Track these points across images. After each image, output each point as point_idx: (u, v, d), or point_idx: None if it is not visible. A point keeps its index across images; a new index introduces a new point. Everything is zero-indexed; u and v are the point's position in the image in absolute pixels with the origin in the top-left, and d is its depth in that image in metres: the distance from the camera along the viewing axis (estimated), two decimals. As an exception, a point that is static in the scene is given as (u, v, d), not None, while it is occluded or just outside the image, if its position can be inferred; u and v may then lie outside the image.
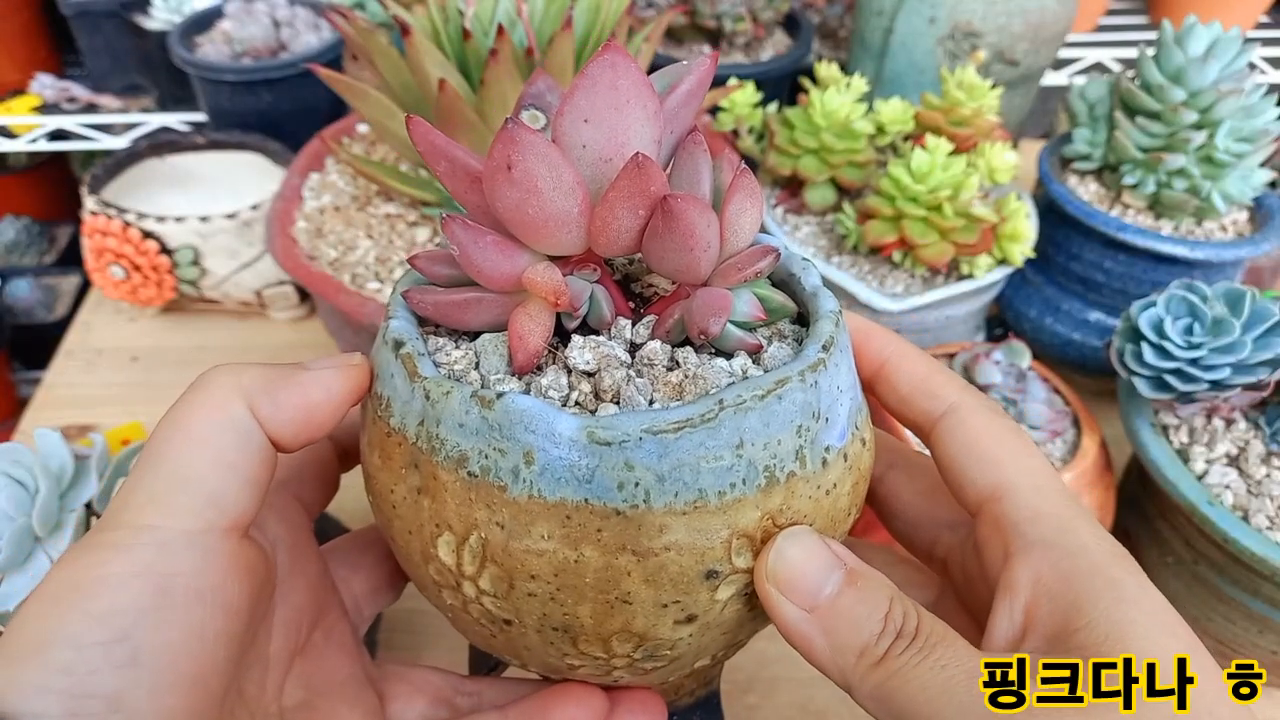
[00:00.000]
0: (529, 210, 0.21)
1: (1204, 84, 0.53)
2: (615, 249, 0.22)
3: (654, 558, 0.21)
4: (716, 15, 0.77)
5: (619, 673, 0.24)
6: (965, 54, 0.66)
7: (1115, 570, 0.22)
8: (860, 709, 0.22)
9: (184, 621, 0.20)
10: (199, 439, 0.21)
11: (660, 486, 0.20)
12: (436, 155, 0.22)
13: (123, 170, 0.71)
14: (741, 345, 0.23)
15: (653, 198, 0.21)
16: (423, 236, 0.52)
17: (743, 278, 0.23)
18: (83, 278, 1.07)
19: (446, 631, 0.49)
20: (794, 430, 0.22)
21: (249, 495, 0.22)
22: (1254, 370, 0.41)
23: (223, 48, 0.77)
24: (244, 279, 0.66)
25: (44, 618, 0.19)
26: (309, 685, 0.26)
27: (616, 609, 0.21)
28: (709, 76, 0.23)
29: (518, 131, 0.20)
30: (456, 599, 0.23)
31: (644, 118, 0.21)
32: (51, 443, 0.38)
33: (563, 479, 0.20)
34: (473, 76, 0.46)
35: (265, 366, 0.23)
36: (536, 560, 0.21)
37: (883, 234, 0.54)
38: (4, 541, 0.34)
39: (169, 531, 0.20)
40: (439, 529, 0.22)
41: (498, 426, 0.20)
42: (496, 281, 0.22)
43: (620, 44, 0.20)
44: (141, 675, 0.19)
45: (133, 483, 0.21)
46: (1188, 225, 0.57)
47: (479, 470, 0.21)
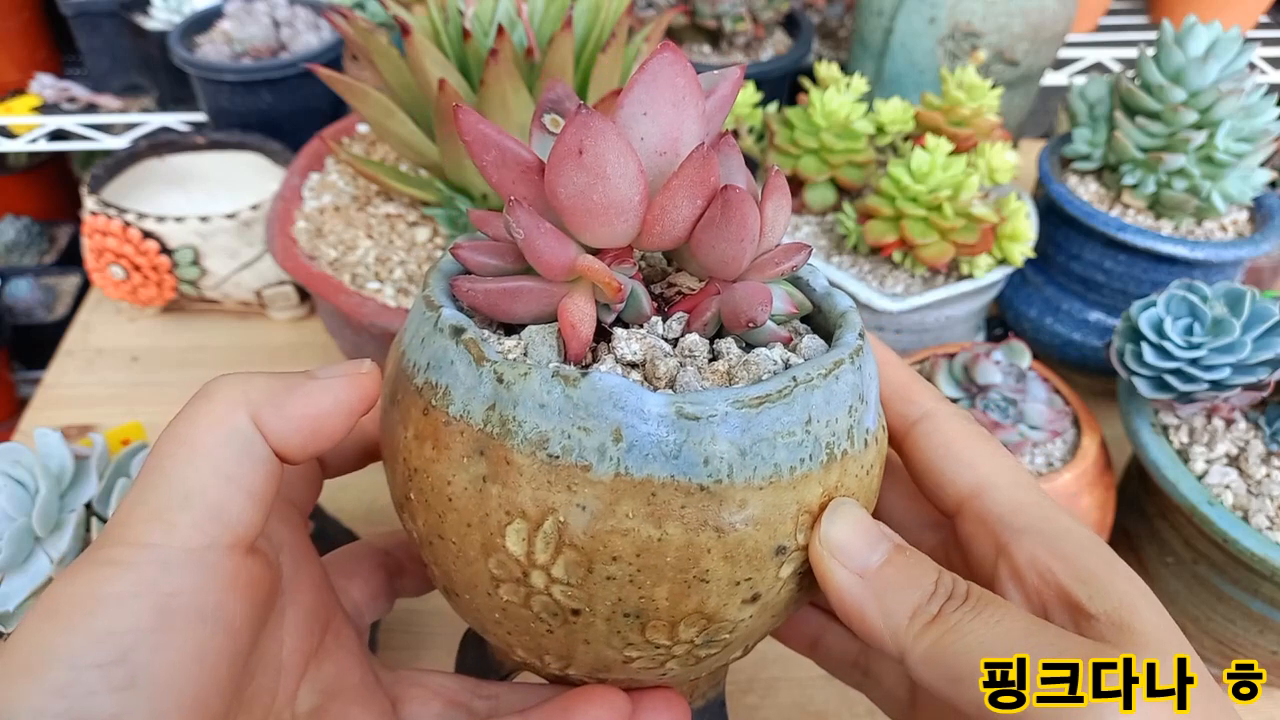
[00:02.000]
0: (594, 196, 0.21)
1: (1204, 84, 0.53)
2: (665, 239, 0.23)
3: (734, 533, 0.21)
4: (716, 15, 0.77)
5: (674, 664, 0.24)
6: (965, 54, 0.66)
7: (1103, 551, 0.23)
8: (859, 709, 0.22)
9: (185, 643, 0.20)
10: (201, 452, 0.21)
11: (742, 462, 0.21)
12: (486, 145, 0.22)
13: (123, 170, 0.71)
14: (774, 337, 0.24)
15: (711, 188, 0.22)
16: (423, 236, 0.52)
17: (779, 272, 0.24)
18: (83, 278, 1.07)
19: (444, 631, 0.49)
20: (847, 410, 0.23)
21: (252, 509, 0.22)
22: (1254, 370, 0.41)
23: (223, 48, 0.77)
24: (244, 279, 0.66)
25: (42, 636, 0.19)
26: (321, 690, 0.25)
27: (693, 588, 0.22)
28: (739, 86, 0.24)
29: (590, 118, 0.20)
30: (516, 594, 0.23)
31: (696, 116, 0.22)
32: (51, 443, 0.38)
33: (650, 455, 0.20)
34: (473, 76, 0.46)
35: (271, 376, 0.23)
36: (620, 540, 0.21)
37: (883, 234, 0.54)
38: (4, 541, 0.34)
39: (170, 549, 0.20)
40: (509, 516, 0.21)
41: (583, 405, 0.20)
42: (554, 269, 0.23)
43: (674, 45, 0.21)
44: (140, 698, 0.19)
45: (134, 497, 0.21)
46: (1188, 225, 0.57)
47: (560, 451, 0.21)
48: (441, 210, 0.50)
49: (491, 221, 0.25)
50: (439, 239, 0.52)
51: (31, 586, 0.35)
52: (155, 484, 0.21)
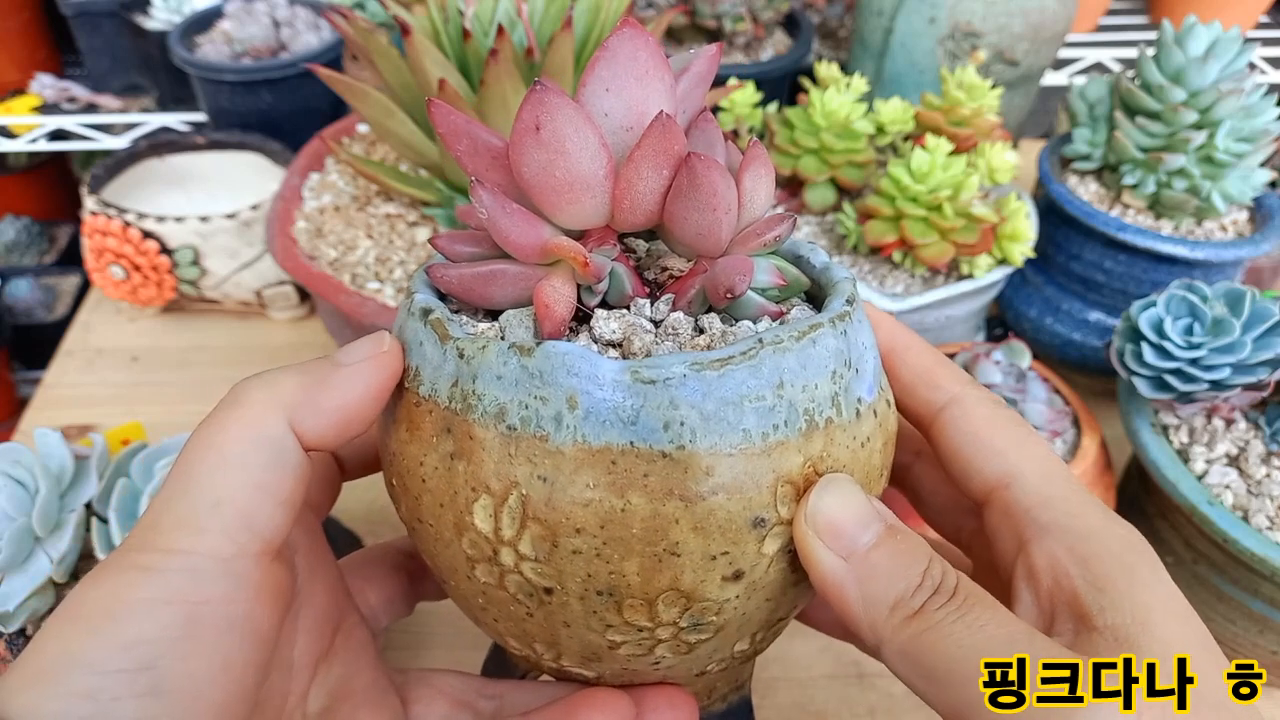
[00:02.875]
0: (556, 172, 0.21)
1: (1204, 84, 0.53)
2: (637, 216, 0.22)
3: (701, 503, 0.20)
4: (717, 15, 0.77)
5: (662, 649, 0.24)
6: (965, 54, 0.66)
7: (1130, 556, 0.22)
8: (859, 709, 0.22)
9: (212, 651, 0.20)
10: (232, 459, 0.21)
11: (705, 426, 0.20)
12: (457, 135, 0.23)
13: (123, 170, 0.71)
14: (763, 311, 0.23)
15: (676, 157, 0.21)
16: (423, 236, 0.52)
17: (762, 243, 0.23)
18: (83, 278, 1.07)
19: (442, 631, 0.49)
20: (829, 375, 0.22)
21: (281, 516, 0.21)
22: (1254, 370, 0.41)
23: (223, 48, 0.77)
24: (244, 279, 0.66)
25: (68, 640, 0.19)
26: (332, 691, 0.25)
27: (665, 562, 0.21)
28: (715, 63, 0.24)
29: (546, 94, 0.20)
30: (492, 574, 0.23)
31: (662, 90, 0.22)
32: (51, 443, 0.38)
33: (607, 421, 0.20)
34: (473, 76, 0.46)
35: (299, 374, 0.22)
36: (582, 512, 0.20)
37: (883, 234, 0.54)
38: (4, 541, 0.34)
39: (200, 557, 0.20)
40: (475, 493, 0.21)
41: (538, 374, 0.20)
42: (523, 249, 0.22)
43: (635, 21, 0.21)
44: (165, 705, 0.19)
45: (163, 502, 0.21)
46: (1188, 225, 0.57)
47: (519, 422, 0.21)
48: (441, 210, 0.50)
49: (473, 213, 0.25)
50: (439, 239, 0.52)
51: (31, 586, 0.35)
52: (185, 490, 0.21)
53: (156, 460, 0.38)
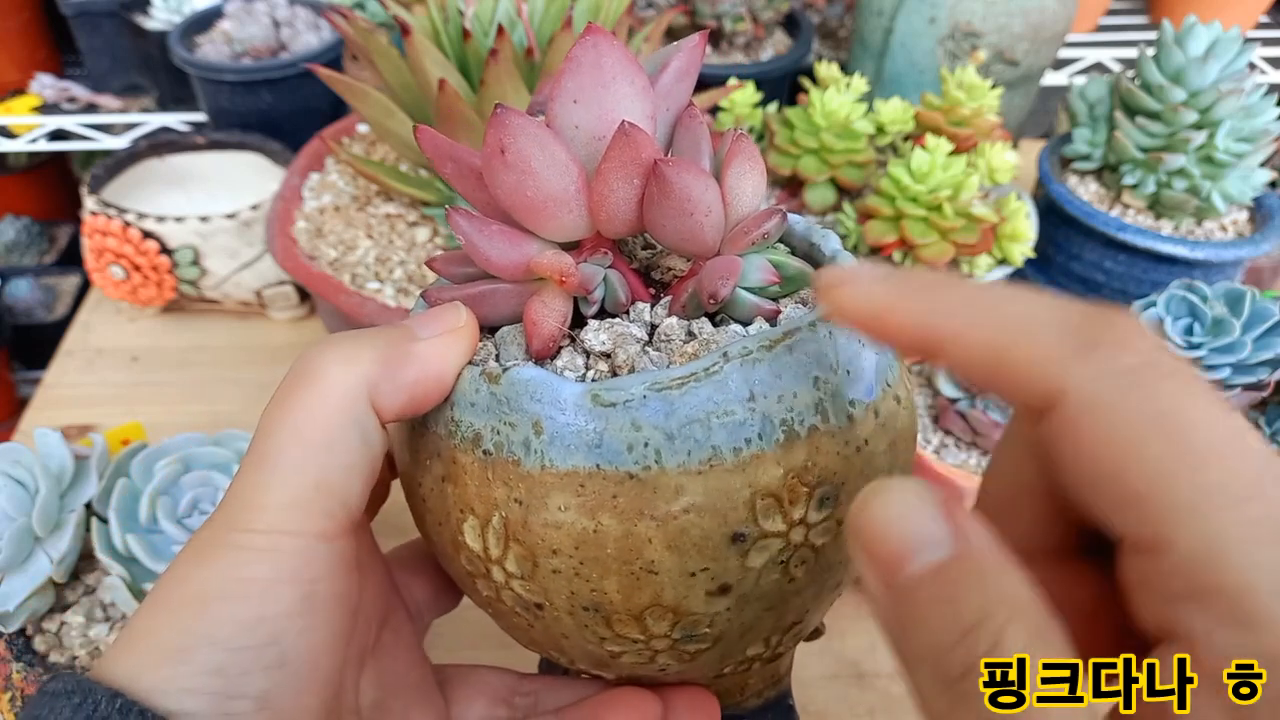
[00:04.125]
0: (527, 193, 0.21)
1: (1204, 84, 0.53)
2: (618, 225, 0.22)
3: (673, 522, 0.20)
4: (717, 15, 0.77)
5: (663, 658, 0.23)
6: (965, 54, 0.66)
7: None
8: (859, 709, 0.22)
9: (326, 625, 0.21)
10: (324, 442, 0.21)
11: (670, 445, 0.20)
12: (442, 157, 0.23)
13: (123, 170, 0.71)
14: (758, 311, 0.23)
15: (645, 165, 0.21)
16: (423, 236, 0.52)
17: (750, 241, 0.23)
18: (83, 278, 1.07)
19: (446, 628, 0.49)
20: (810, 382, 0.21)
21: (364, 494, 0.22)
22: (1254, 370, 0.41)
23: (223, 48, 0.77)
24: (244, 279, 0.66)
25: (188, 619, 0.20)
26: (381, 685, 0.26)
27: (643, 580, 0.21)
28: (699, 54, 0.23)
29: (507, 116, 0.20)
30: (489, 588, 0.23)
31: (632, 94, 0.21)
32: (51, 443, 0.38)
33: (572, 446, 0.20)
34: (473, 76, 0.46)
35: (374, 346, 0.22)
36: (556, 534, 0.21)
37: (883, 234, 0.54)
38: (4, 541, 0.34)
39: (310, 539, 0.21)
40: (463, 514, 0.22)
41: (505, 400, 0.21)
42: (506, 269, 0.23)
43: (600, 25, 0.21)
44: (288, 676, 0.20)
45: (257, 480, 0.21)
46: (1188, 225, 0.57)
47: (493, 447, 0.21)
48: (442, 210, 0.50)
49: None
50: (439, 239, 0.52)
51: (31, 586, 0.35)
52: (280, 470, 0.21)
53: (156, 460, 0.38)
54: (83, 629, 0.36)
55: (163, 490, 0.37)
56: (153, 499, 0.37)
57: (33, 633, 0.36)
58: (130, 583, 0.35)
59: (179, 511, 0.37)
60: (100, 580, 0.38)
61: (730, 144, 0.22)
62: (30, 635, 0.36)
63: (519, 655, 0.29)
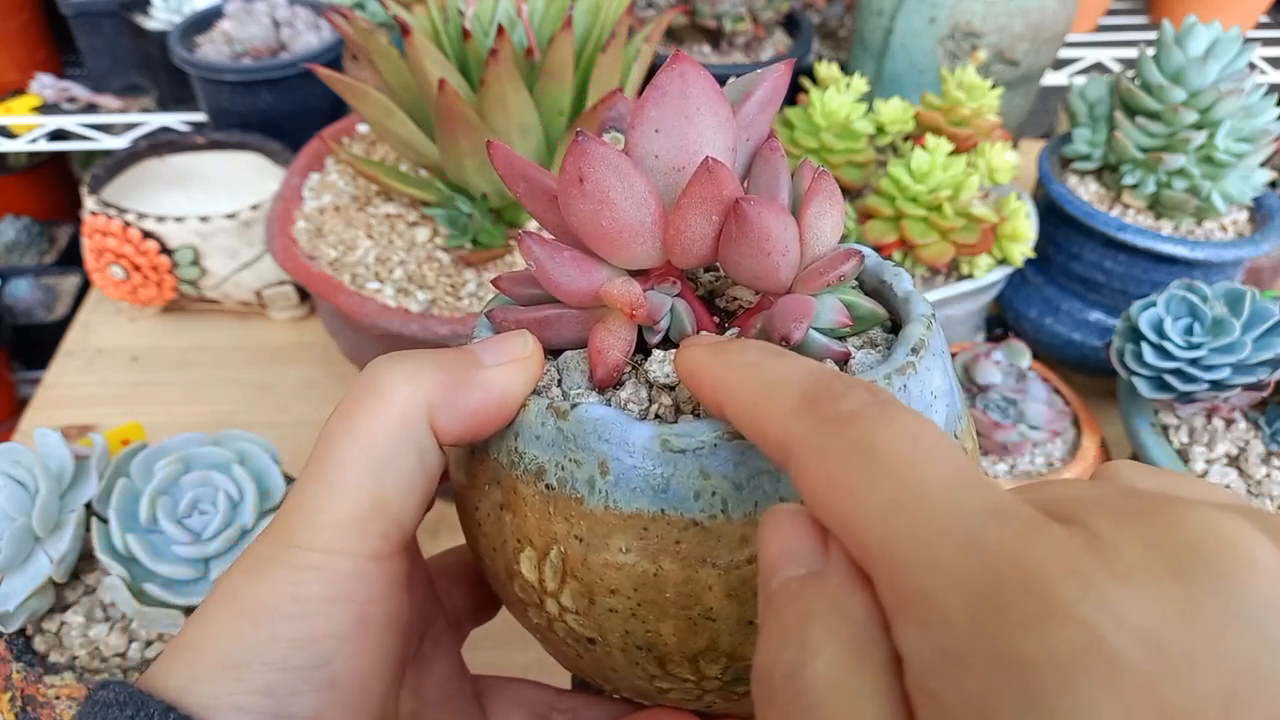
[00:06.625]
0: (603, 222, 0.21)
1: (1204, 84, 0.53)
2: (691, 258, 0.22)
3: (735, 571, 0.20)
4: (717, 15, 0.77)
5: (710, 697, 0.23)
6: (965, 54, 0.66)
7: None
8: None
9: (377, 647, 0.21)
10: (383, 462, 0.21)
11: (738, 495, 0.20)
12: (515, 176, 0.23)
13: (123, 170, 0.71)
14: (828, 353, 0.22)
15: (725, 202, 0.21)
16: (423, 236, 0.52)
17: (826, 282, 0.22)
18: (83, 278, 1.07)
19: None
20: None
21: (420, 517, 0.22)
22: (1254, 370, 0.41)
23: (223, 48, 0.77)
24: (244, 279, 0.66)
25: (242, 635, 0.19)
26: (419, 696, 0.26)
27: (700, 626, 0.21)
28: (784, 84, 0.23)
29: (588, 144, 0.20)
30: (541, 617, 0.23)
31: (715, 125, 0.21)
32: (51, 443, 0.38)
33: (638, 489, 0.20)
34: (473, 76, 0.46)
35: (439, 368, 0.21)
36: (615, 574, 0.21)
37: (883, 234, 0.54)
38: (4, 541, 0.34)
39: (365, 560, 0.20)
40: (520, 544, 0.22)
41: (572, 437, 0.20)
42: (575, 296, 0.22)
43: (687, 54, 0.21)
44: (338, 697, 0.20)
45: (316, 494, 0.20)
46: (1188, 225, 0.57)
47: (556, 482, 0.21)
48: (441, 210, 0.50)
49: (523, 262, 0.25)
50: (439, 239, 0.52)
51: (31, 586, 0.35)
52: (341, 487, 0.20)
53: (156, 460, 0.38)
54: (83, 629, 0.36)
55: (163, 490, 0.37)
56: (153, 499, 0.37)
57: (33, 633, 0.36)
58: (130, 583, 0.35)
59: (179, 511, 0.37)
60: (100, 580, 0.38)
61: (811, 181, 0.22)
62: (30, 635, 0.36)
63: (549, 656, 0.29)
